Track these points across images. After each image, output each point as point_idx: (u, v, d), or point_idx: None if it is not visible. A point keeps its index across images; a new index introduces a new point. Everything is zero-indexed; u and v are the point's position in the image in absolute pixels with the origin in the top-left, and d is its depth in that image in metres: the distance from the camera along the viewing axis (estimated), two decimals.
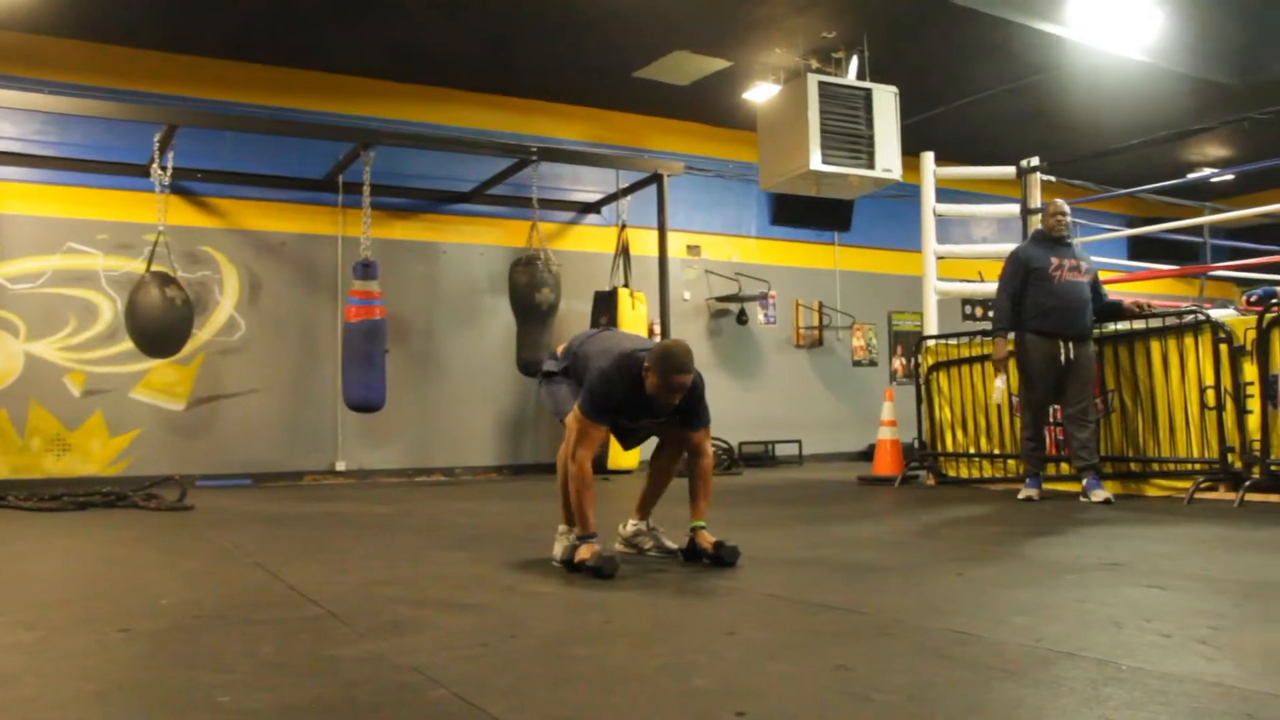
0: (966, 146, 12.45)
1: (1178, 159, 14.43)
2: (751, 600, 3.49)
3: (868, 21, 9.74)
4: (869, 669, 2.47)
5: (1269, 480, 6.40)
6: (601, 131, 12.05)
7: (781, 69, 10.57)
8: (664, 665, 2.57)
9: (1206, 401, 6.75)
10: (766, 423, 12.58)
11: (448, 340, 11.07)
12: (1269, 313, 6.43)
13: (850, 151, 9.64)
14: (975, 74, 11.07)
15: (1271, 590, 3.50)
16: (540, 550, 4.46)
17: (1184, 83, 11.20)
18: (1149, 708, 2.08)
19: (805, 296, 13.36)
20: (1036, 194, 8.69)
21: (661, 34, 10.01)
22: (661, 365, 4.04)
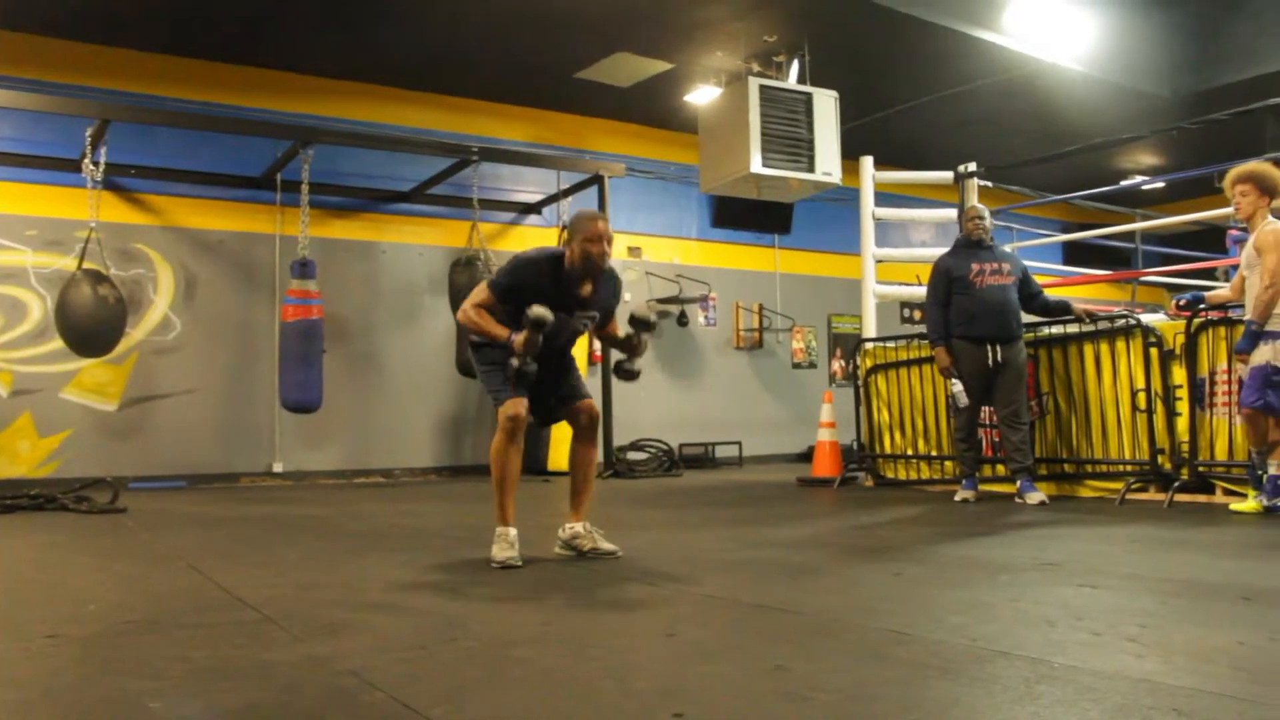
0: (905, 151, 12.57)
1: (1111, 167, 14.72)
2: (691, 602, 3.50)
3: (809, 26, 9.82)
4: (807, 669, 2.48)
5: (1197, 481, 6.54)
6: (543, 132, 12.02)
7: (723, 72, 10.62)
8: (603, 667, 2.57)
9: (1137, 404, 6.87)
10: (707, 424, 12.62)
11: (387, 340, 10.98)
12: (1197, 318, 6.56)
13: (790, 155, 9.71)
14: (915, 80, 11.20)
15: (1197, 589, 3.57)
16: (480, 551, 4.43)
17: (1116, 92, 11.43)
18: (1080, 705, 2.11)
19: (745, 299, 13.43)
20: (974, 199, 8.80)
21: (603, 35, 10.02)
22: (576, 222, 4.31)
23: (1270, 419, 5.73)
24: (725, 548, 5.03)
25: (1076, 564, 4.12)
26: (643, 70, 10.89)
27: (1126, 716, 2.04)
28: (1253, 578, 3.81)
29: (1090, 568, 4.02)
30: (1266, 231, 5.78)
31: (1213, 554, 4.53)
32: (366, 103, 11.03)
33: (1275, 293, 5.66)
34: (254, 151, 10.10)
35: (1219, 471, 6.53)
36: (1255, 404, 5.70)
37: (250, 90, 10.45)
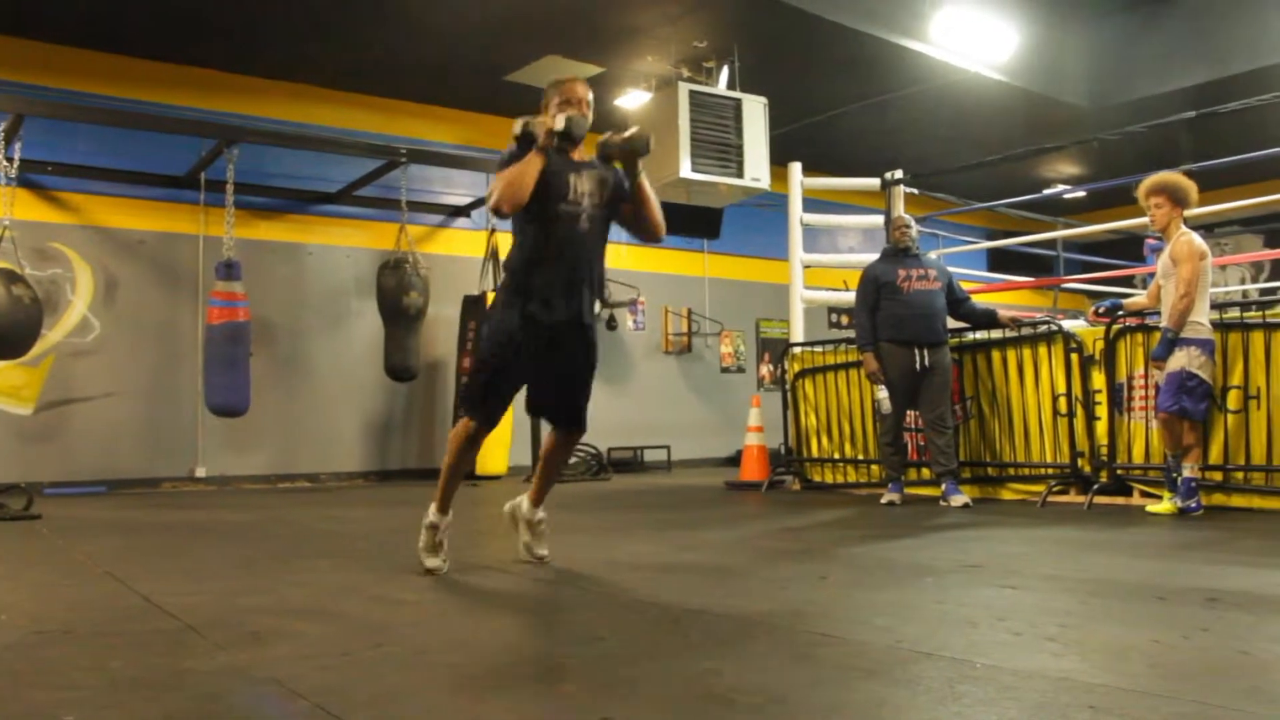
0: (833, 158, 12.71)
1: (1033, 175, 15.00)
2: (619, 605, 3.50)
3: (739, 33, 9.88)
4: (734, 671, 2.49)
5: (1115, 483, 6.70)
6: (473, 135, 11.95)
7: (653, 77, 10.65)
8: (531, 671, 2.57)
9: (1059, 408, 7.02)
10: (635, 428, 12.64)
11: (314, 343, 10.85)
12: (1115, 324, 6.71)
13: (720, 160, 9.75)
14: (843, 87, 11.33)
15: (1115, 588, 3.65)
16: (408, 556, 4.39)
17: (1039, 102, 11.66)
18: (1001, 703, 2.15)
19: (674, 303, 13.47)
20: (900, 206, 8.92)
21: (534, 39, 9.99)
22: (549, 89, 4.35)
23: (1185, 423, 5.88)
24: (653, 551, 5.04)
25: (999, 565, 4.19)
26: (573, 74, 10.85)
27: (1045, 714, 2.08)
28: (1167, 578, 3.90)
29: (1012, 569, 4.08)
30: (1182, 242, 5.93)
31: (1130, 555, 4.63)
32: (294, 102, 10.89)
33: (1190, 301, 5.81)
34: (178, 150, 9.90)
35: (1136, 474, 6.69)
36: (1171, 409, 5.84)
37: (174, 87, 10.25)
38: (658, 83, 10.54)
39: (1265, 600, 3.33)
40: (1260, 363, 6.12)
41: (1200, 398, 5.86)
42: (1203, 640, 2.76)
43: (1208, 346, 5.88)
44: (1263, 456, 6.08)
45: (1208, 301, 5.97)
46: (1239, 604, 3.26)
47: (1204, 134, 11.77)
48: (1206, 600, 3.32)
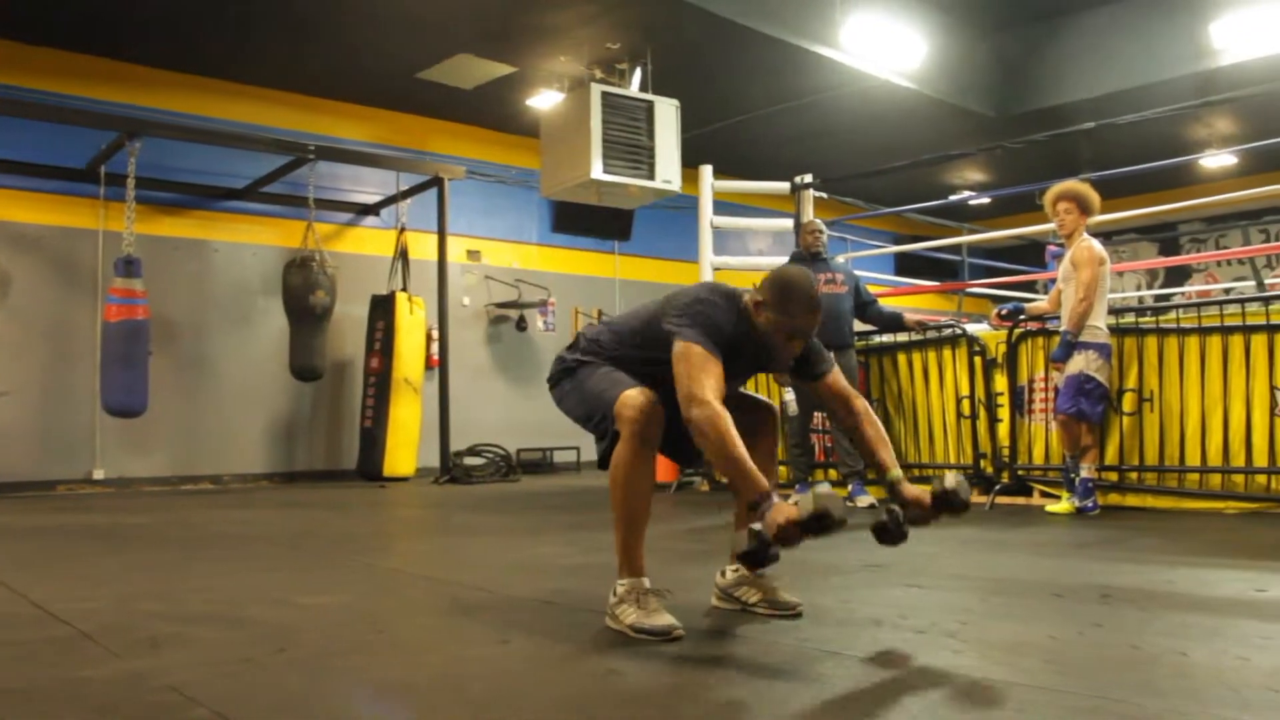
0: (744, 161, 12.80)
1: (940, 181, 15.28)
2: (525, 607, 3.48)
3: (652, 35, 9.90)
4: (639, 673, 2.50)
5: (1016, 484, 6.85)
6: (383, 132, 11.83)
7: (566, 77, 10.63)
8: (437, 675, 2.54)
9: (962, 410, 7.15)
10: (545, 430, 12.55)
11: (217, 342, 10.63)
12: (1017, 328, 6.87)
13: (631, 162, 9.78)
14: (754, 91, 11.42)
15: (1014, 586, 3.73)
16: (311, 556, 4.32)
17: (945, 110, 11.88)
18: (903, 701, 2.19)
19: (585, 304, 13.45)
20: (809, 210, 9.01)
21: (446, 37, 9.91)
22: (785, 296, 2.98)
23: (1083, 425, 6.04)
24: (561, 553, 5.02)
25: (903, 565, 4.25)
26: (485, 73, 10.82)
27: (945, 710, 2.12)
28: (1064, 575, 4.00)
29: (916, 568, 4.15)
30: (1083, 247, 6.08)
31: (1029, 553, 4.74)
32: (200, 96, 10.65)
33: (1089, 305, 5.96)
34: (77, 142, 9.61)
35: (1036, 475, 6.85)
36: (1069, 411, 5.99)
37: (73, 77, 9.96)
38: (570, 83, 10.53)
39: (1156, 596, 3.43)
40: (1154, 367, 6.31)
41: (1097, 400, 6.02)
42: (1096, 636, 2.83)
43: (1105, 350, 6.05)
44: (1155, 457, 6.28)
45: (1105, 306, 6.13)
46: (1131, 600, 3.36)
47: (1102, 144, 12.13)
48: (1101, 597, 3.42)
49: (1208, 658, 2.52)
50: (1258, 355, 5.96)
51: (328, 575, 4.21)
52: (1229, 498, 6.02)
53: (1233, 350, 6.05)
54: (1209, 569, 4.14)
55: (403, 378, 10.55)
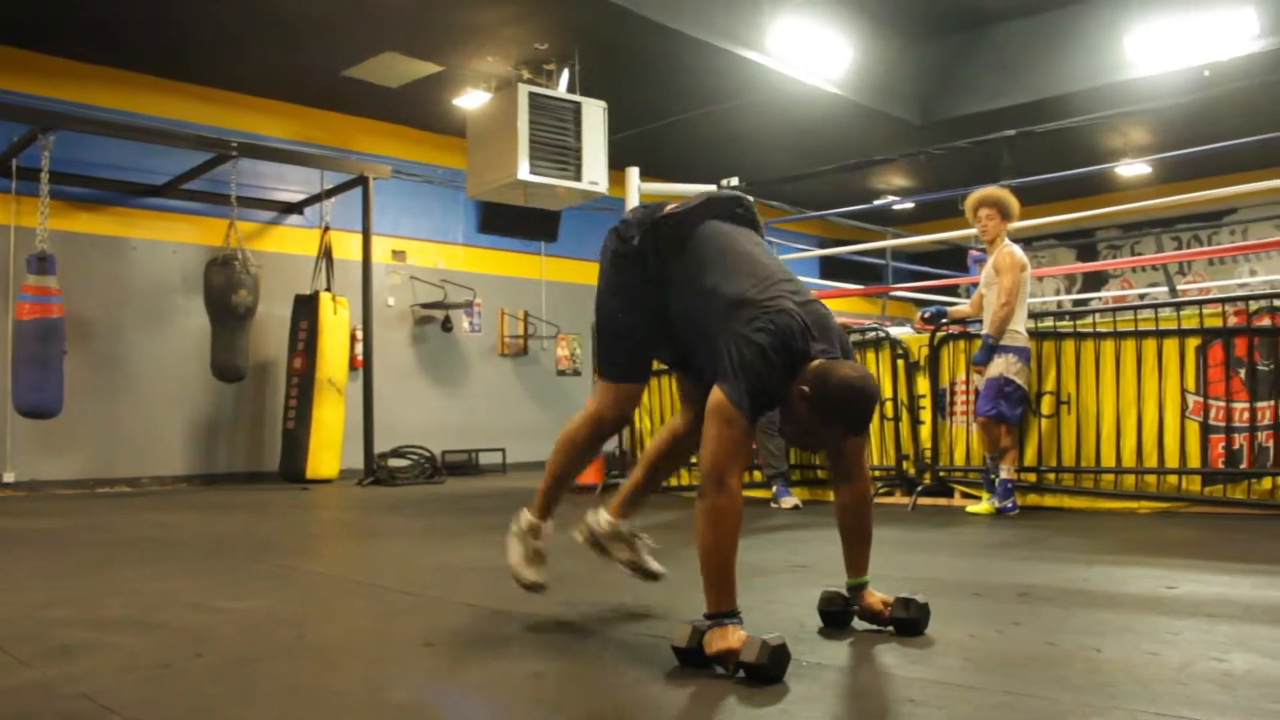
0: (671, 163, 12.85)
1: (865, 186, 15.47)
2: (449, 610, 3.46)
3: (580, 36, 9.90)
4: (563, 674, 2.49)
5: (938, 485, 6.94)
6: (307, 130, 11.68)
7: (493, 77, 10.59)
8: (359, 679, 2.51)
9: (885, 413, 7.23)
10: (470, 431, 12.54)
11: (135, 342, 10.40)
12: (940, 331, 6.97)
13: (558, 163, 9.76)
14: (682, 94, 11.46)
15: (935, 586, 3.77)
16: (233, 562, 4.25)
17: (871, 115, 12.03)
18: (826, 699, 2.22)
19: (511, 305, 13.41)
20: None
21: (372, 34, 9.82)
22: (843, 401, 2.56)
23: (1003, 427, 6.14)
24: (486, 555, 4.97)
25: (827, 566, 4.28)
26: (412, 71, 10.74)
27: (867, 708, 2.15)
28: (984, 575, 4.07)
29: (839, 569, 4.16)
30: (1004, 253, 6.19)
31: (950, 553, 4.81)
32: (119, 89, 10.42)
33: (1010, 310, 6.07)
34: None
35: (957, 476, 6.95)
36: (990, 413, 6.09)
37: None
38: (498, 83, 10.49)
39: (1072, 594, 3.50)
40: (1071, 370, 6.44)
41: (1016, 403, 6.13)
42: (1015, 633, 2.88)
43: (1024, 354, 6.16)
44: (1073, 458, 6.40)
45: (1025, 311, 6.25)
46: (1049, 598, 3.43)
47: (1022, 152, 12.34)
48: (1019, 595, 3.48)
49: (1120, 653, 2.58)
50: (1169, 359, 6.11)
51: (248, 579, 4.15)
52: (1142, 498, 6.16)
53: (1146, 354, 6.20)
54: (1123, 567, 4.24)
55: (326, 378, 10.43)
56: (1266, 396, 5.80)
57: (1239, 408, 5.88)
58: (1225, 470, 5.91)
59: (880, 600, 2.91)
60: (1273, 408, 5.77)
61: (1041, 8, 11.21)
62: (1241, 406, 5.87)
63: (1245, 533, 5.12)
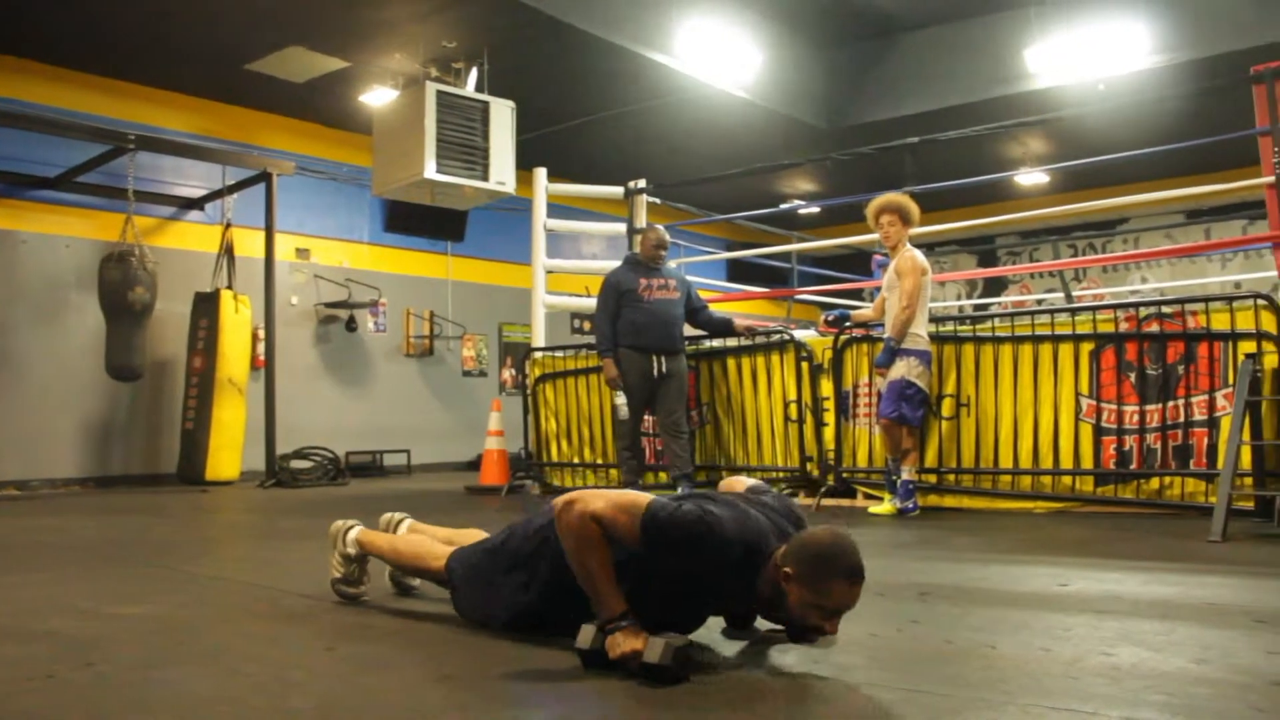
0: (579, 165, 12.84)
1: (772, 190, 15.63)
2: (351, 614, 3.40)
3: (489, 35, 9.84)
4: (469, 678, 2.48)
5: (841, 486, 7.04)
6: (209, 124, 11.43)
7: (400, 75, 10.48)
8: (257, 686, 2.46)
9: (789, 415, 7.31)
10: (374, 432, 12.39)
11: (25, 339, 10.07)
12: (843, 334, 7.07)
13: (465, 162, 9.71)
14: (590, 95, 11.46)
15: None
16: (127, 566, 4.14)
17: (778, 120, 12.16)
18: (722, 700, 2.22)
19: (416, 305, 13.28)
20: (642, 215, 9.10)
21: (277, 27, 9.64)
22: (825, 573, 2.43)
23: (904, 429, 6.25)
24: None
25: None
26: (317, 67, 10.57)
27: (765, 708, 2.17)
28: (885, 575, 4.12)
29: None
30: (906, 257, 6.30)
31: None
32: (9, 77, 10.06)
33: (911, 313, 6.18)
34: None
35: (860, 477, 7.05)
36: (891, 415, 6.19)
37: None
38: (405, 81, 10.39)
39: (970, 593, 3.58)
40: (971, 373, 6.58)
41: (918, 405, 6.24)
42: (914, 631, 2.94)
43: (925, 357, 6.27)
44: (972, 460, 6.54)
45: (927, 315, 6.37)
46: (947, 597, 3.50)
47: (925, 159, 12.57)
48: (919, 595, 3.54)
49: (1014, 649, 2.64)
50: (1065, 363, 6.28)
51: (142, 584, 4.04)
52: (1038, 498, 6.31)
53: (1043, 358, 6.36)
54: (1019, 566, 4.34)
55: (227, 378, 10.22)
56: (1155, 400, 5.99)
57: (1129, 410, 6.07)
58: (1116, 471, 6.10)
59: None
60: (1160, 410, 5.97)
61: (947, 18, 11.44)
62: (1132, 409, 6.06)
63: (1134, 531, 5.28)
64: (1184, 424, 5.89)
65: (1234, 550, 4.51)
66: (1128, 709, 2.08)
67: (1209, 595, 3.46)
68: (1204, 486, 5.78)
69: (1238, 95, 6.81)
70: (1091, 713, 2.06)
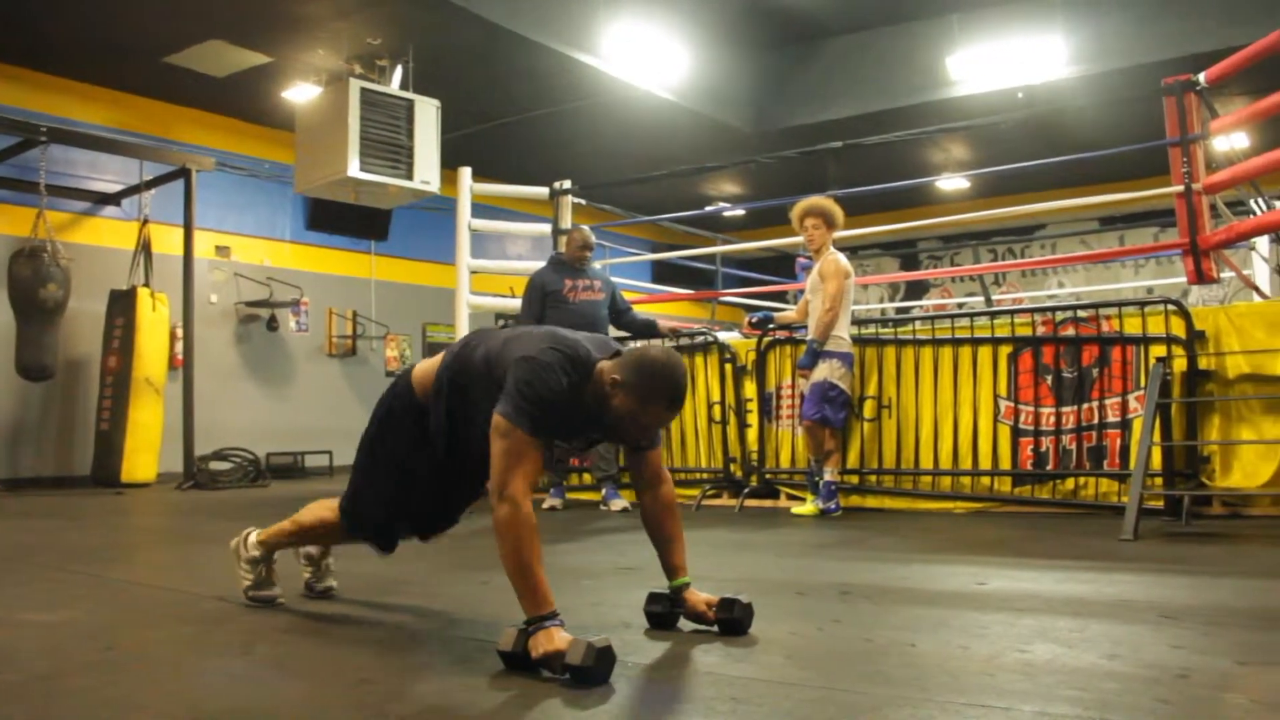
0: (505, 165, 12.79)
1: (697, 192, 15.70)
2: (271, 618, 3.35)
3: (414, 33, 9.76)
4: (391, 681, 2.45)
5: (764, 487, 7.09)
6: (126, 118, 11.18)
7: (324, 71, 10.36)
8: (173, 692, 2.42)
9: (713, 416, 7.35)
10: (296, 433, 12.21)
11: None
12: (767, 336, 7.12)
13: (390, 161, 9.62)
14: (516, 95, 11.42)
15: (760, 586, 3.85)
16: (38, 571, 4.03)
17: (704, 123, 12.22)
18: (649, 700, 2.23)
19: (339, 305, 13.13)
20: (567, 216, 9.07)
21: (197, 20, 9.46)
22: (651, 385, 2.72)
23: (827, 430, 6.31)
24: None
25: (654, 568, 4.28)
26: (239, 61, 10.40)
27: (691, 707, 2.18)
28: (807, 574, 4.17)
29: None
30: (829, 260, 6.36)
31: (775, 554, 4.91)
32: None
33: (834, 316, 6.24)
34: None
35: (783, 478, 7.11)
36: (814, 417, 6.24)
37: None
38: (328, 78, 10.27)
39: (890, 592, 3.62)
40: (892, 375, 6.67)
41: (840, 406, 6.30)
42: (834, 630, 2.97)
43: (848, 359, 6.34)
44: (893, 461, 6.63)
45: (849, 317, 6.43)
46: (868, 596, 3.53)
47: (849, 163, 12.74)
48: (840, 594, 3.58)
49: (933, 647, 2.68)
50: (984, 366, 6.40)
51: (54, 590, 3.94)
52: (958, 498, 6.42)
53: (963, 361, 6.47)
54: (938, 565, 4.40)
55: (143, 378, 10.01)
56: (1070, 402, 6.12)
57: (1046, 412, 6.19)
58: (1033, 471, 6.22)
59: (704, 601, 2.96)
60: (1076, 412, 6.10)
61: (871, 24, 11.58)
62: (1048, 411, 6.18)
63: (1051, 530, 5.38)
64: (1098, 425, 6.03)
65: (1145, 548, 4.62)
66: (1041, 704, 2.12)
67: (1120, 592, 3.54)
68: (1117, 487, 5.91)
69: (1150, 106, 6.97)
70: (1006, 709, 2.10)
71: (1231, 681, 2.37)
